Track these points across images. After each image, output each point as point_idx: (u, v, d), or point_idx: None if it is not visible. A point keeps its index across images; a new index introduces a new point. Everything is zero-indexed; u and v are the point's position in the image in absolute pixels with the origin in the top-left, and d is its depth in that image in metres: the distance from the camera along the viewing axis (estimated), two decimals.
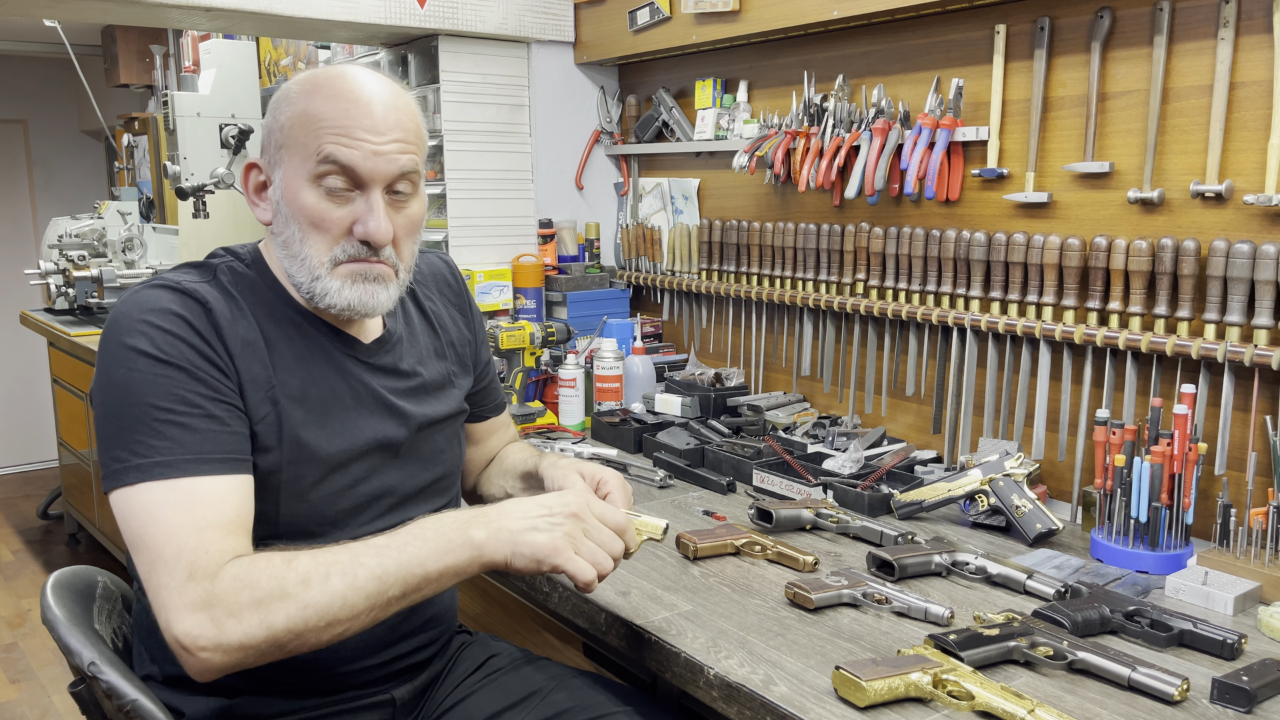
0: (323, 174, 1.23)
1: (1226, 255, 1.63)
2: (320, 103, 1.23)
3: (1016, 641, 1.29)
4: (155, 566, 1.11)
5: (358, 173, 1.23)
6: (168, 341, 1.18)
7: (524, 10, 2.75)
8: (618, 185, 3.03)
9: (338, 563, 1.12)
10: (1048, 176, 1.94)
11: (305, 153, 1.23)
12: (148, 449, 1.14)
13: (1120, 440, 1.65)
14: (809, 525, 1.79)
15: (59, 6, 2.45)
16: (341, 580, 1.11)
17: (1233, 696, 1.19)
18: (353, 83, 1.25)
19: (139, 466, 1.14)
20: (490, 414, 1.64)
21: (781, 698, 1.20)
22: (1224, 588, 1.47)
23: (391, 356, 1.39)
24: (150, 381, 1.16)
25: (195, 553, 1.10)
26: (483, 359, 1.59)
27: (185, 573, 1.09)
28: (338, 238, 1.25)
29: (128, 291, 1.24)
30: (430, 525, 1.18)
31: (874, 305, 2.21)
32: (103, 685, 1.13)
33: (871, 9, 2.08)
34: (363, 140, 1.22)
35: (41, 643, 3.62)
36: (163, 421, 1.15)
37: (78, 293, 4.02)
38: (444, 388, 1.47)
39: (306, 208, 1.24)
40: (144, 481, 1.14)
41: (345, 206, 1.25)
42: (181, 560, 1.10)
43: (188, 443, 1.16)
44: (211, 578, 1.09)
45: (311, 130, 1.23)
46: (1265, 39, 1.61)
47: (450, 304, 1.54)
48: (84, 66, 5.10)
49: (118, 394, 1.17)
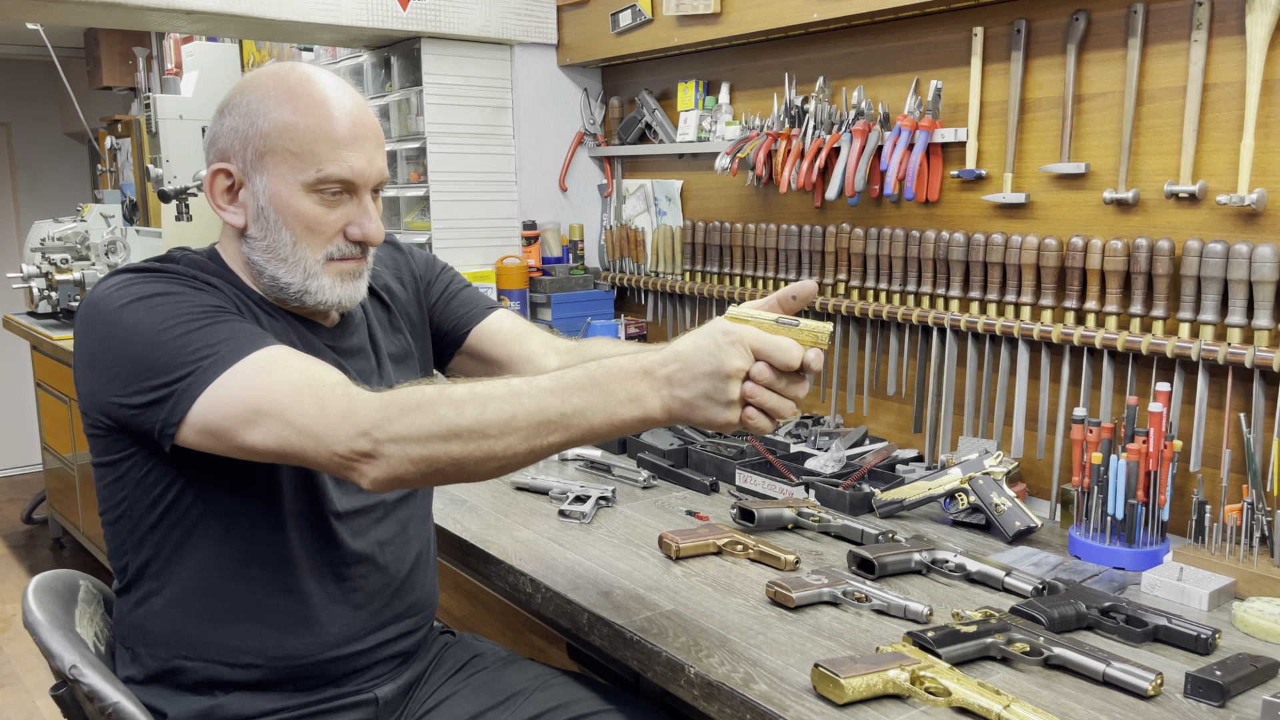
0: (319, 184, 1.27)
1: (1200, 255, 1.65)
2: (304, 114, 1.26)
3: (994, 638, 1.30)
4: (283, 416, 1.09)
5: (353, 182, 1.29)
6: (161, 284, 1.21)
7: (507, 13, 2.75)
8: (601, 187, 3.04)
9: (495, 396, 1.08)
10: (1025, 177, 1.96)
11: (299, 163, 1.26)
12: (209, 348, 1.14)
13: (1097, 438, 1.67)
14: (791, 524, 1.80)
15: (41, 10, 2.45)
16: (499, 413, 1.07)
17: (1206, 691, 1.20)
18: (330, 91, 1.29)
19: (214, 359, 1.13)
20: (485, 313, 1.58)
21: (761, 695, 1.21)
22: (1199, 583, 1.49)
23: (356, 338, 1.42)
24: (168, 308, 1.18)
25: (316, 383, 1.11)
26: (445, 281, 1.59)
27: (316, 401, 1.09)
28: (331, 239, 1.31)
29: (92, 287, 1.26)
30: (600, 377, 1.09)
31: (855, 305, 2.23)
32: (84, 688, 1.13)
33: (851, 11, 2.10)
34: (356, 151, 1.28)
35: (26, 647, 3.60)
36: (205, 325, 1.16)
37: (61, 296, 4.00)
38: (404, 359, 1.50)
39: (302, 214, 1.28)
40: (225, 369, 1.13)
41: (338, 209, 1.30)
42: (306, 392, 1.10)
43: (242, 330, 1.18)
44: (348, 397, 1.09)
45: (304, 142, 1.26)
46: (1238, 40, 1.63)
47: (391, 274, 1.55)
48: (66, 69, 5.07)
49: (143, 339, 1.16)
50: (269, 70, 1.32)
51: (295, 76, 1.29)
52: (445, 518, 1.86)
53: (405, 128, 2.86)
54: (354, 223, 1.31)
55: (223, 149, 1.30)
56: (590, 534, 1.78)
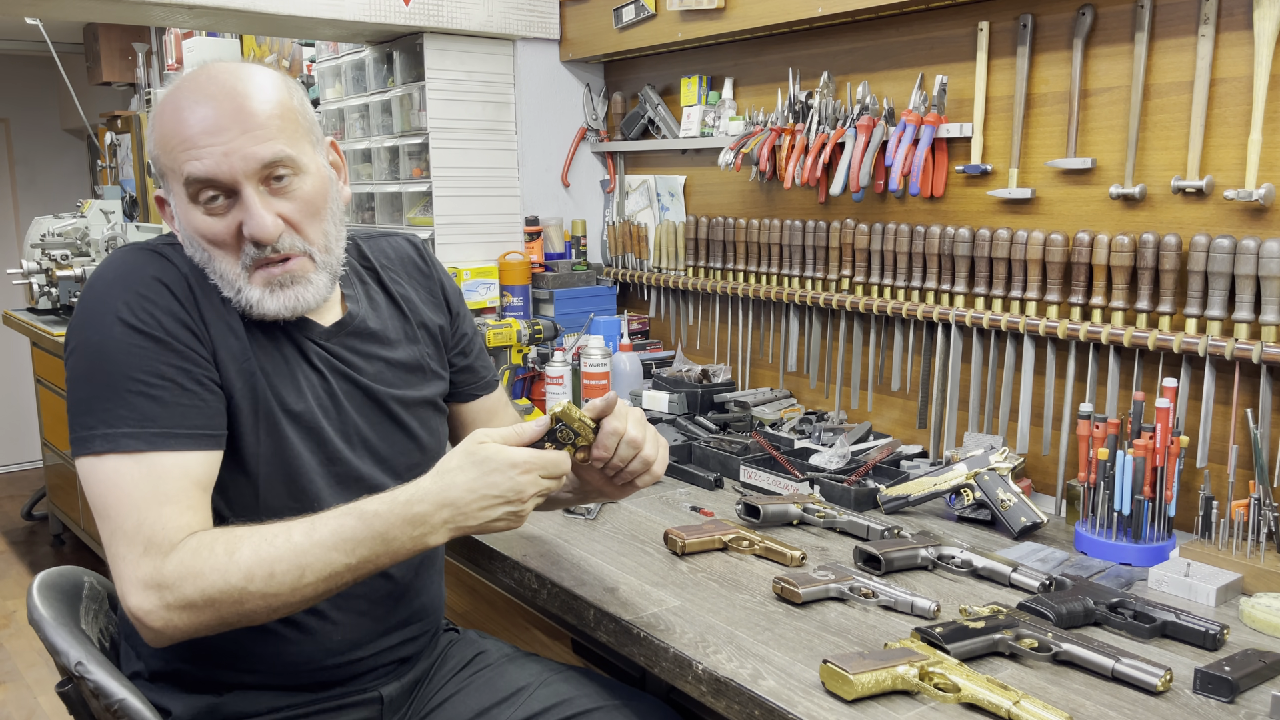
0: (194, 193, 1.21)
1: (1207, 250, 1.65)
2: (166, 122, 1.22)
3: (1002, 634, 1.30)
4: (115, 537, 1.14)
5: (218, 180, 1.19)
6: (146, 310, 1.19)
7: (509, 8, 2.75)
8: (604, 182, 3.03)
9: (281, 558, 1.13)
10: (1031, 173, 1.96)
11: (175, 177, 1.22)
12: (116, 419, 1.16)
13: (1103, 434, 1.66)
14: (796, 520, 1.80)
15: (40, 4, 2.44)
16: (287, 575, 1.13)
17: (1215, 686, 1.20)
18: (189, 91, 1.22)
19: (106, 436, 1.16)
20: (482, 391, 1.59)
21: (770, 691, 1.21)
22: (1206, 579, 1.49)
23: (353, 341, 1.38)
24: (125, 350, 1.17)
25: (153, 528, 1.13)
26: (464, 334, 1.56)
27: (141, 547, 1.12)
28: (235, 248, 1.23)
29: (111, 253, 1.25)
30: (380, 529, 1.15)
31: (859, 301, 2.22)
32: (90, 685, 1.13)
33: (856, 6, 2.09)
34: (209, 146, 1.18)
35: (27, 644, 3.60)
36: (134, 393, 1.17)
37: (61, 292, 3.99)
38: (416, 370, 1.45)
39: (198, 228, 1.22)
40: (110, 453, 1.15)
41: (227, 216, 1.22)
42: (140, 534, 1.13)
43: (157, 416, 1.17)
44: (164, 555, 1.12)
45: (170, 152, 1.21)
46: (1245, 35, 1.63)
47: (420, 285, 1.51)
48: (66, 64, 5.06)
49: (92, 359, 1.18)
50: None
51: (174, 86, 1.24)
52: None
53: (408, 123, 2.85)
54: (245, 223, 1.21)
55: (156, 173, 1.27)
56: (595, 530, 1.78)
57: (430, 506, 1.16)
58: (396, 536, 1.16)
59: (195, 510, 1.17)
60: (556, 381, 2.51)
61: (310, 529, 1.15)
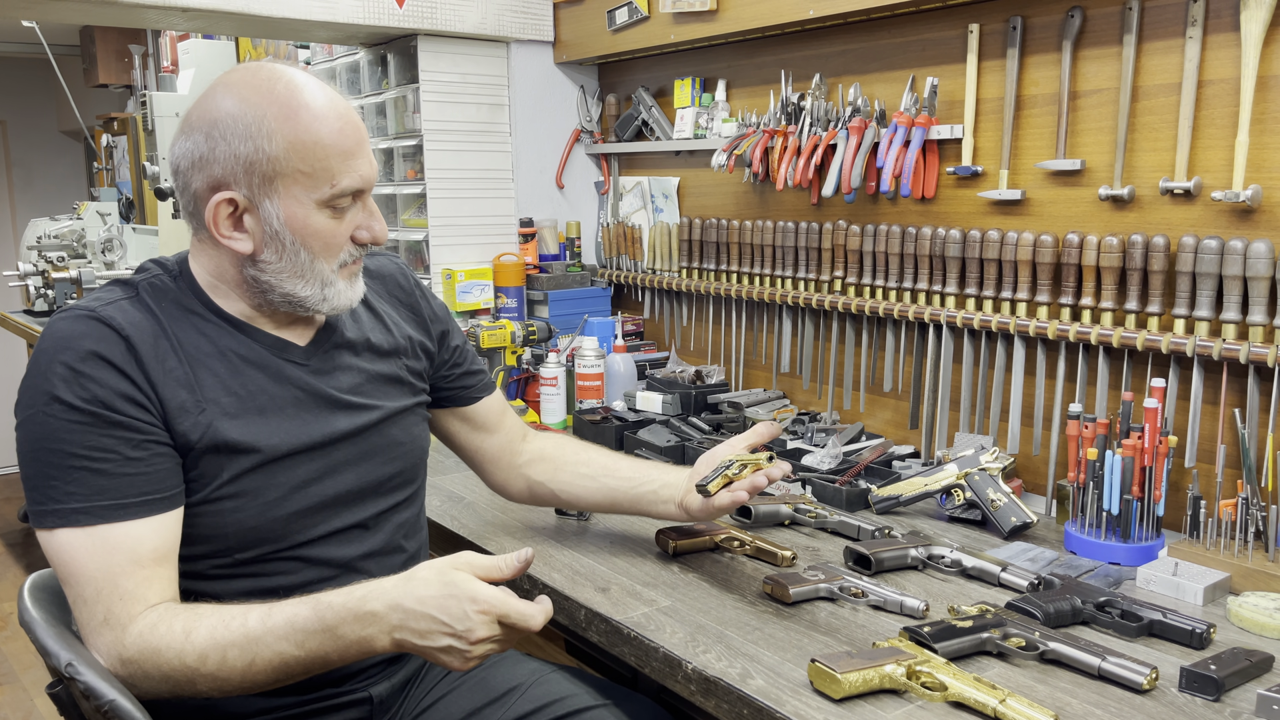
0: (333, 200, 1.27)
1: (1195, 251, 1.66)
2: (308, 131, 1.23)
3: (990, 633, 1.31)
4: (76, 603, 1.19)
5: (362, 190, 1.30)
6: (83, 387, 1.19)
7: (503, 10, 2.75)
8: (598, 184, 3.04)
9: (234, 643, 1.15)
10: (1021, 174, 1.97)
11: (311, 182, 1.24)
12: (64, 494, 1.18)
13: (1093, 434, 1.67)
14: (788, 520, 1.80)
15: (36, 7, 2.45)
16: (238, 661, 1.16)
17: (1201, 685, 1.21)
18: (323, 101, 1.26)
19: (57, 511, 1.18)
20: (483, 393, 1.65)
21: (758, 690, 1.22)
22: (1194, 578, 1.49)
23: (333, 355, 1.39)
24: (66, 429, 1.18)
25: (110, 600, 1.17)
26: (452, 343, 1.60)
27: (101, 617, 1.17)
28: (343, 248, 1.32)
29: (52, 319, 1.25)
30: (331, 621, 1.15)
31: (852, 302, 2.23)
32: (80, 686, 1.13)
33: (847, 8, 2.10)
34: (362, 158, 1.29)
35: (24, 645, 3.60)
36: (78, 469, 1.18)
37: (57, 294, 4.00)
38: (394, 383, 1.46)
39: (320, 232, 1.28)
40: (62, 527, 1.18)
41: (346, 219, 1.31)
42: (99, 605, 1.17)
43: (104, 488, 1.19)
44: (124, 629, 1.17)
45: (314, 160, 1.24)
46: (1232, 37, 1.64)
47: (401, 304, 1.54)
48: (62, 67, 5.07)
49: (36, 437, 1.20)
50: (249, 83, 1.25)
51: (282, 88, 1.24)
52: (442, 514, 1.86)
53: (402, 125, 2.86)
54: (362, 226, 1.32)
55: (219, 176, 1.23)
56: (587, 530, 1.79)
57: (383, 606, 1.14)
58: (345, 634, 1.15)
59: (152, 581, 1.19)
60: (551, 383, 2.52)
61: (266, 615, 1.17)
